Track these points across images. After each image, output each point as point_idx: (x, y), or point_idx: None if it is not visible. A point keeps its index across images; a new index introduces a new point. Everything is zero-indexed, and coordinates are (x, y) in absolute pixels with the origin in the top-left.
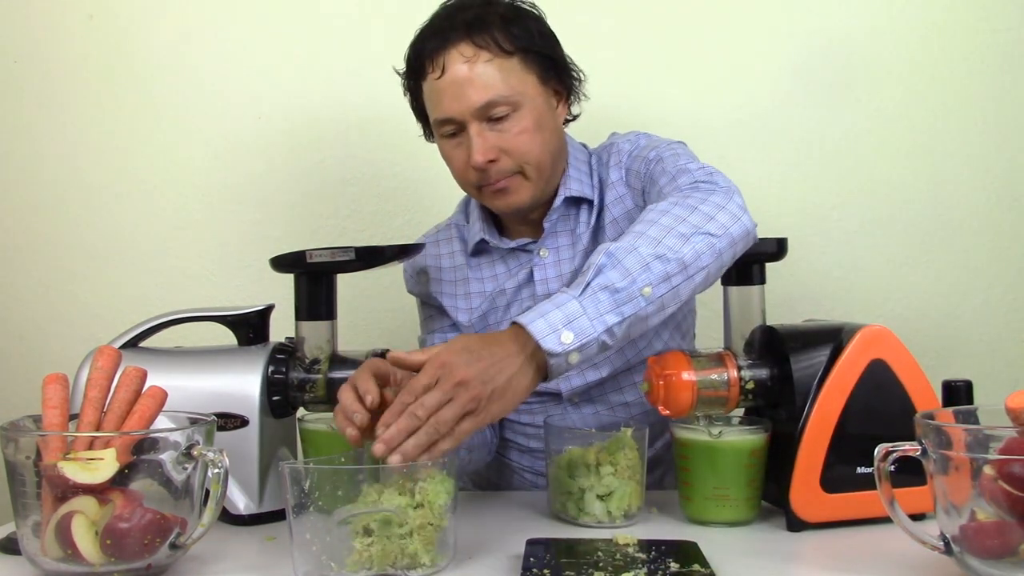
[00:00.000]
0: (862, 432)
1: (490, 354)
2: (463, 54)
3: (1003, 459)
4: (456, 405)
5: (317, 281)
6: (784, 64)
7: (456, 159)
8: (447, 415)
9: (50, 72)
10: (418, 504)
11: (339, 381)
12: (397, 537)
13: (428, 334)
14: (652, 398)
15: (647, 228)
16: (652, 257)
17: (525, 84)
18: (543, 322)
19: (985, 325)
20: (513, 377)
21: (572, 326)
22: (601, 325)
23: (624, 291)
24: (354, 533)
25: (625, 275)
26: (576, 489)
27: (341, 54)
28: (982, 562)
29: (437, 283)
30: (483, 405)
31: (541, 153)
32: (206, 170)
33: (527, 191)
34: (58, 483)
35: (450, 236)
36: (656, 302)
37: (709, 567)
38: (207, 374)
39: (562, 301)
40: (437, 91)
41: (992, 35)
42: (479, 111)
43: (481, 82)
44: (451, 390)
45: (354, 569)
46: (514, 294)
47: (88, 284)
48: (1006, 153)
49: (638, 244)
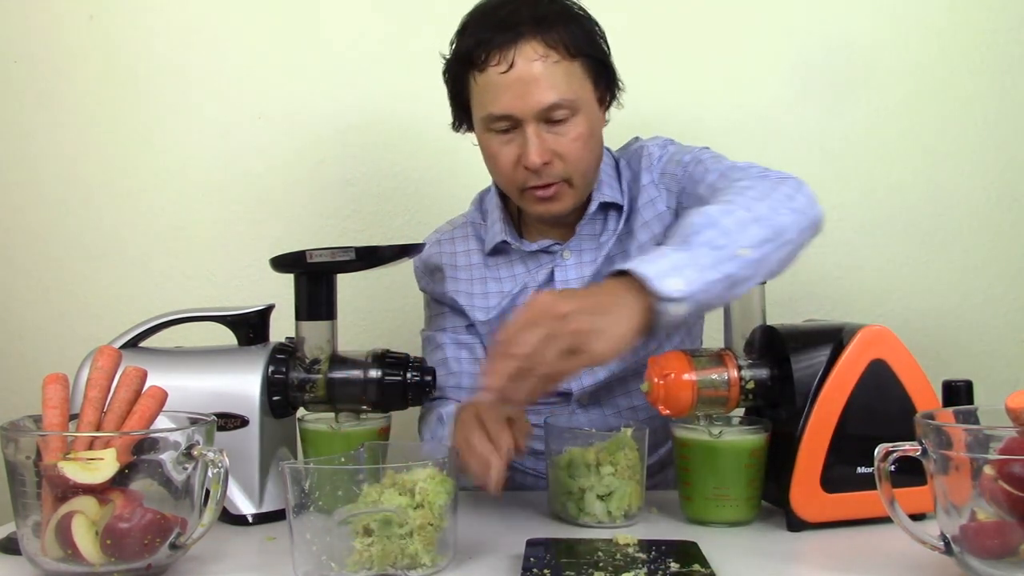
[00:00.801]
0: (862, 432)
1: (592, 292)
2: (535, 51)
3: (1003, 459)
4: (559, 341)
5: (317, 281)
6: (784, 65)
7: (504, 156)
8: (550, 353)
9: (50, 72)
10: (418, 504)
11: (339, 381)
12: (397, 537)
13: (436, 331)
14: (652, 398)
15: (736, 197)
16: (749, 220)
17: (584, 89)
18: (652, 266)
19: (985, 325)
20: (619, 317)
21: (680, 274)
22: (705, 279)
23: (724, 249)
24: (354, 533)
25: (725, 233)
26: (576, 489)
27: (341, 54)
28: (982, 562)
29: (453, 281)
30: (587, 342)
31: (590, 161)
32: (206, 170)
33: (570, 199)
34: (58, 483)
35: (466, 234)
36: (751, 266)
37: (709, 567)
38: (207, 374)
39: (665, 252)
40: (498, 85)
41: (992, 36)
42: (542, 112)
43: (549, 82)
44: (549, 324)
45: (354, 569)
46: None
47: (88, 284)
48: (1006, 153)
49: (733, 209)
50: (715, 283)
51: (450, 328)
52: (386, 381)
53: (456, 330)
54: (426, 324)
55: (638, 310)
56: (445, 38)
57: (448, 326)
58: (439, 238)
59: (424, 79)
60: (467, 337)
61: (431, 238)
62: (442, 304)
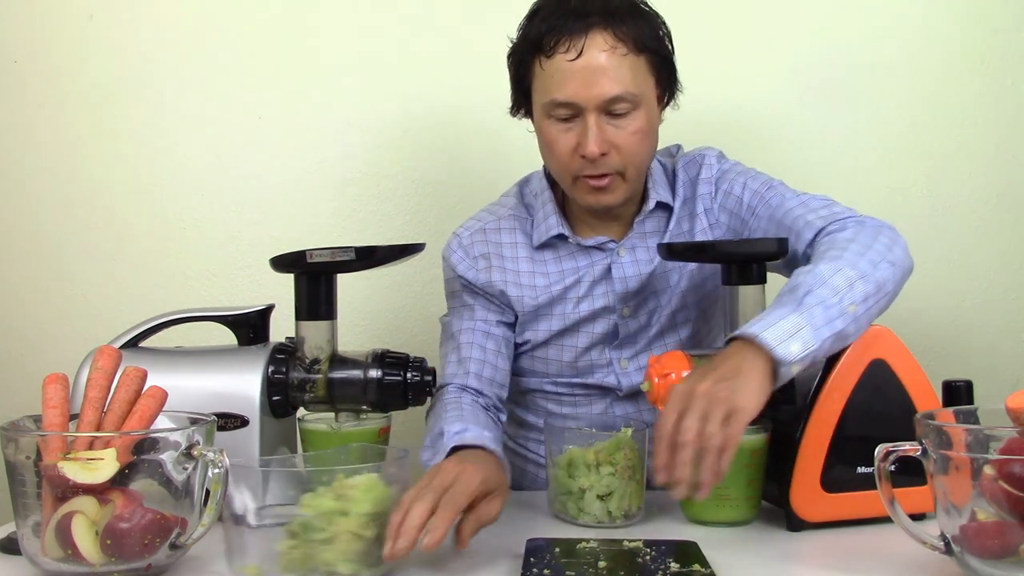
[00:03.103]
0: (862, 432)
1: (718, 364)
2: (606, 41)
3: (1003, 459)
4: (714, 414)
5: (317, 281)
6: (785, 65)
7: (562, 143)
8: (712, 427)
9: (50, 72)
10: (343, 511)
11: (339, 381)
12: (318, 543)
13: (466, 320)
14: (652, 398)
15: (841, 253)
16: (856, 278)
17: (648, 85)
18: (772, 332)
19: (985, 325)
20: (749, 376)
21: (797, 337)
22: (819, 337)
23: (835, 307)
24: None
25: (835, 292)
26: (576, 489)
27: (341, 54)
28: (982, 562)
29: (501, 271)
30: (735, 403)
31: (646, 156)
32: (206, 170)
33: (622, 192)
34: (58, 483)
35: (512, 227)
36: (857, 321)
37: (709, 567)
38: (207, 374)
39: (782, 315)
40: (565, 72)
41: (992, 35)
42: (605, 103)
43: (615, 75)
44: (701, 406)
45: (284, 570)
46: (589, 289)
47: (88, 284)
48: (1006, 153)
49: (840, 267)
50: (827, 340)
51: (480, 319)
52: (386, 381)
53: (488, 323)
54: (451, 314)
55: (762, 369)
56: (445, 38)
57: (480, 317)
58: (484, 227)
59: (425, 79)
60: (497, 330)
61: (472, 225)
62: (477, 295)
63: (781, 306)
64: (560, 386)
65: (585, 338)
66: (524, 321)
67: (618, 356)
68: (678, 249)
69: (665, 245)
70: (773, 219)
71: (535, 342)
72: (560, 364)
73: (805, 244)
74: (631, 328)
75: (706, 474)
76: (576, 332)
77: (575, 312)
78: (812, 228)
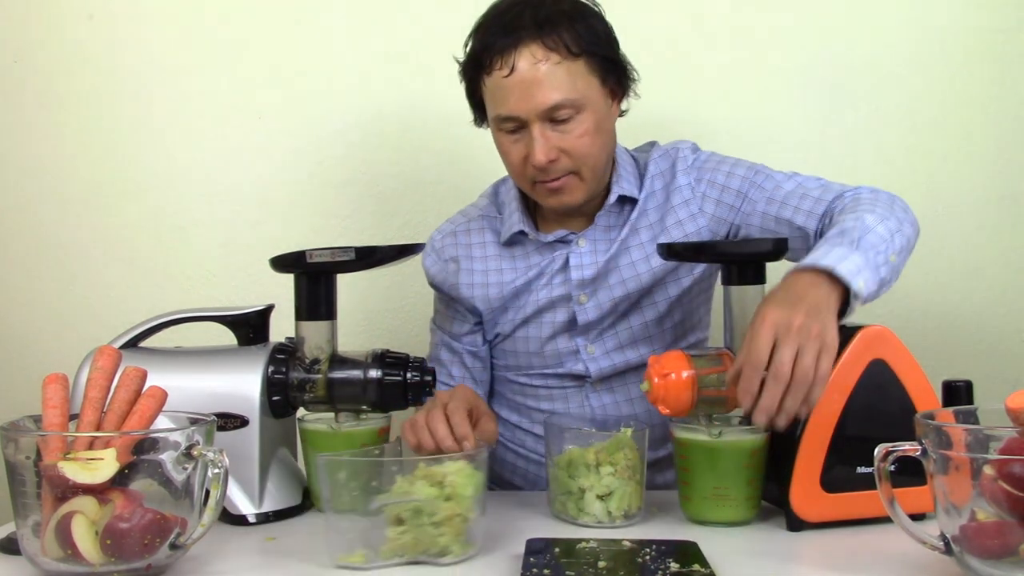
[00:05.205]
0: (862, 432)
1: (801, 295)
2: (534, 55)
3: (1003, 459)
4: (809, 350)
5: (317, 281)
6: (784, 64)
7: (514, 154)
8: (806, 363)
9: (50, 72)
10: (447, 496)
11: (339, 381)
12: (428, 526)
13: (446, 334)
14: (652, 397)
15: (873, 208)
16: (895, 230)
17: (589, 87)
18: (845, 267)
19: (985, 325)
20: (830, 310)
21: (860, 276)
22: (877, 279)
23: (883, 254)
24: (387, 522)
25: (882, 239)
26: (576, 489)
27: (341, 54)
28: (982, 562)
29: (468, 273)
30: (824, 337)
31: (598, 155)
32: (206, 170)
33: (581, 191)
34: (58, 483)
35: (481, 227)
36: (895, 271)
37: (709, 567)
38: (207, 374)
39: (844, 254)
40: (503, 88)
41: (992, 36)
42: (545, 112)
43: (549, 84)
44: (795, 339)
45: (388, 556)
46: (549, 279)
47: (88, 284)
48: (1006, 153)
49: (881, 218)
50: (878, 283)
51: (459, 333)
52: (386, 381)
53: (474, 333)
54: (436, 319)
55: (836, 305)
56: (444, 38)
57: (467, 332)
58: (454, 229)
59: (424, 79)
60: (468, 340)
61: (445, 228)
62: (451, 305)
63: (838, 245)
64: (533, 377)
65: (548, 328)
66: (493, 315)
67: (584, 343)
68: (678, 249)
69: (665, 245)
70: (773, 201)
71: (503, 334)
72: (528, 355)
73: (817, 219)
74: (591, 315)
75: (798, 407)
76: (539, 321)
77: (534, 301)
78: (822, 203)
